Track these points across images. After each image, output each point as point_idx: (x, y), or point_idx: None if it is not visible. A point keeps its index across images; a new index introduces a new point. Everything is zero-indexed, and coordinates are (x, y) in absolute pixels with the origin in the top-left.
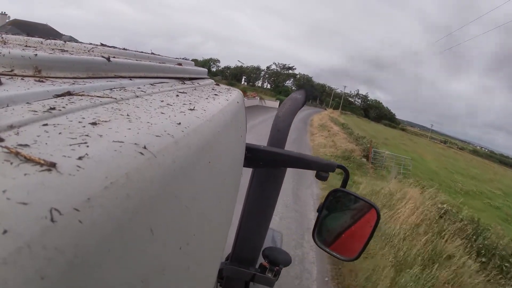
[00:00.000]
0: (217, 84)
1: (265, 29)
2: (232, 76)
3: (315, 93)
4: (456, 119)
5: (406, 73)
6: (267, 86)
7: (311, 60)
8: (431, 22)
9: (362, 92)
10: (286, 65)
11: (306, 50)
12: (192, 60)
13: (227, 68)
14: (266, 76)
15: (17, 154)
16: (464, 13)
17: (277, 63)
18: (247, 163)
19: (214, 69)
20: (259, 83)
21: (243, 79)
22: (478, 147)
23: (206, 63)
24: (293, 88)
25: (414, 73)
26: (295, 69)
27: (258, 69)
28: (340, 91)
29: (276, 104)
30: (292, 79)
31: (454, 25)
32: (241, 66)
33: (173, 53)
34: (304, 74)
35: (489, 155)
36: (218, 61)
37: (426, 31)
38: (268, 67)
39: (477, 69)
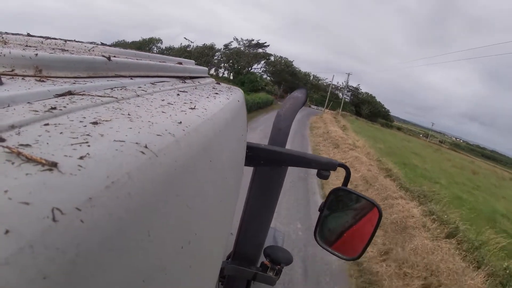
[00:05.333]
0: (218, 83)
1: (247, 20)
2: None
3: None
4: (431, 110)
5: (381, 63)
6: (224, 73)
7: (293, 50)
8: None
9: (352, 83)
10: (254, 41)
11: (288, 41)
12: (132, 42)
13: (170, 49)
14: (223, 58)
15: (18, 154)
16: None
17: (239, 39)
18: (248, 162)
19: (155, 51)
20: (212, 70)
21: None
22: (454, 139)
23: (145, 44)
24: (266, 76)
25: (388, 63)
26: (268, 46)
27: (211, 48)
28: (329, 83)
29: None
30: (263, 62)
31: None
32: (188, 46)
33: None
34: (281, 57)
35: (471, 148)
36: (160, 41)
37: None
38: (226, 46)
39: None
